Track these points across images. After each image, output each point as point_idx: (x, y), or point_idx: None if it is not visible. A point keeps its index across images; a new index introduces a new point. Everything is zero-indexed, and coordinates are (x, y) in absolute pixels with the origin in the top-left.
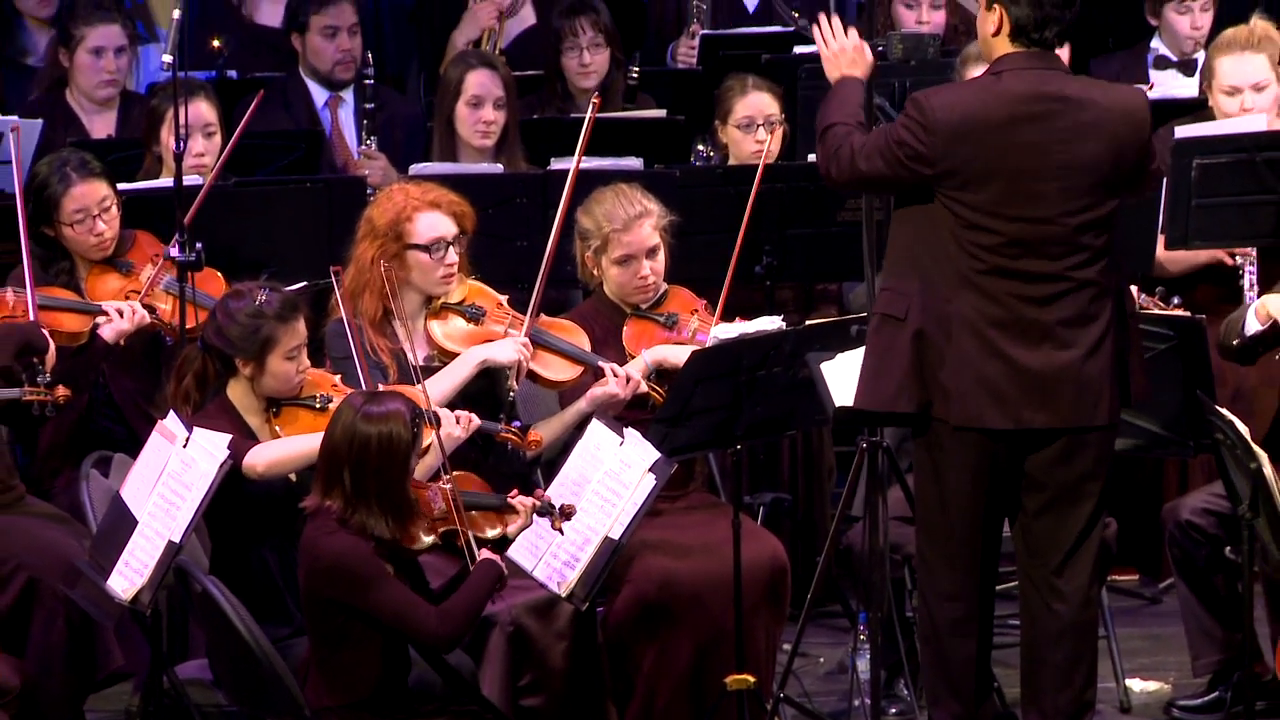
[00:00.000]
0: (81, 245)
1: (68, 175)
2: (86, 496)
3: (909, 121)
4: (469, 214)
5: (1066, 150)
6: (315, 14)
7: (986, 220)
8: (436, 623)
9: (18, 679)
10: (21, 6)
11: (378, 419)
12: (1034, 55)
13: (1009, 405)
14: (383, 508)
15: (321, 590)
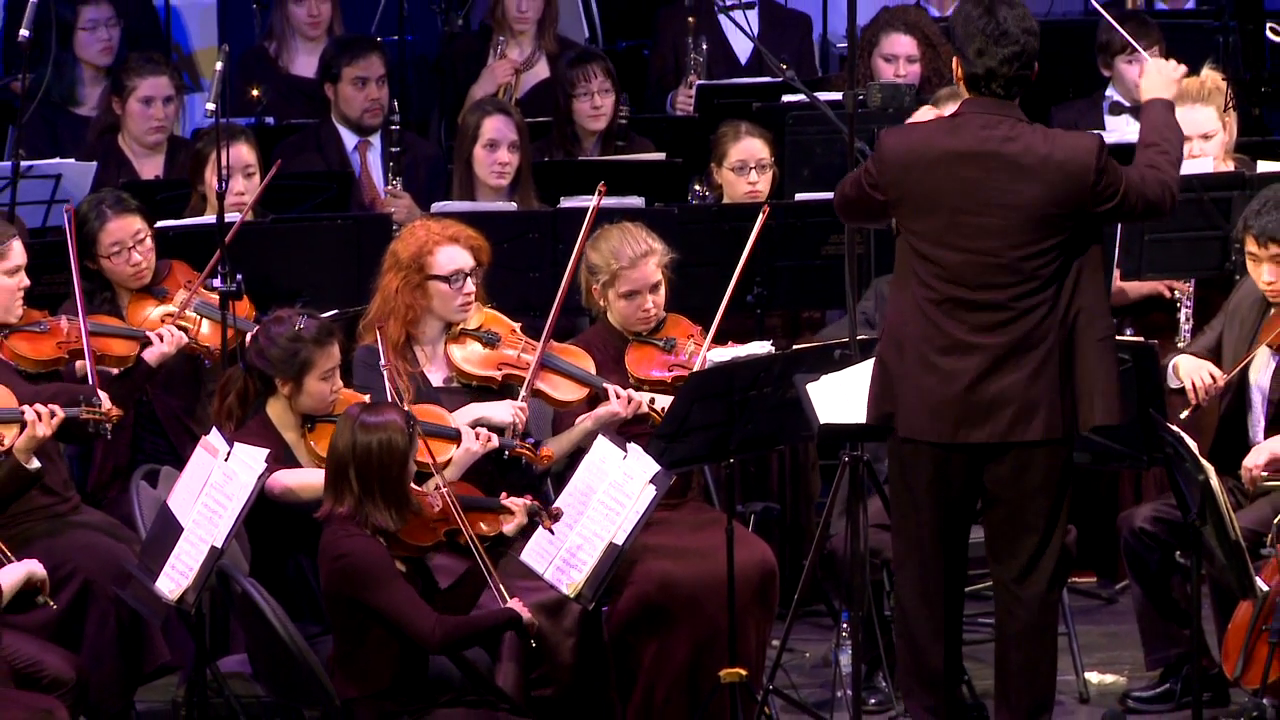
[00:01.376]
0: (120, 275)
1: (104, 212)
2: (136, 506)
3: (871, 154)
4: (485, 248)
5: (1004, 192)
6: (347, 65)
7: (935, 250)
8: (431, 629)
9: (73, 672)
10: (83, 55)
11: (376, 427)
12: (990, 103)
13: (948, 421)
14: (387, 502)
15: (339, 588)
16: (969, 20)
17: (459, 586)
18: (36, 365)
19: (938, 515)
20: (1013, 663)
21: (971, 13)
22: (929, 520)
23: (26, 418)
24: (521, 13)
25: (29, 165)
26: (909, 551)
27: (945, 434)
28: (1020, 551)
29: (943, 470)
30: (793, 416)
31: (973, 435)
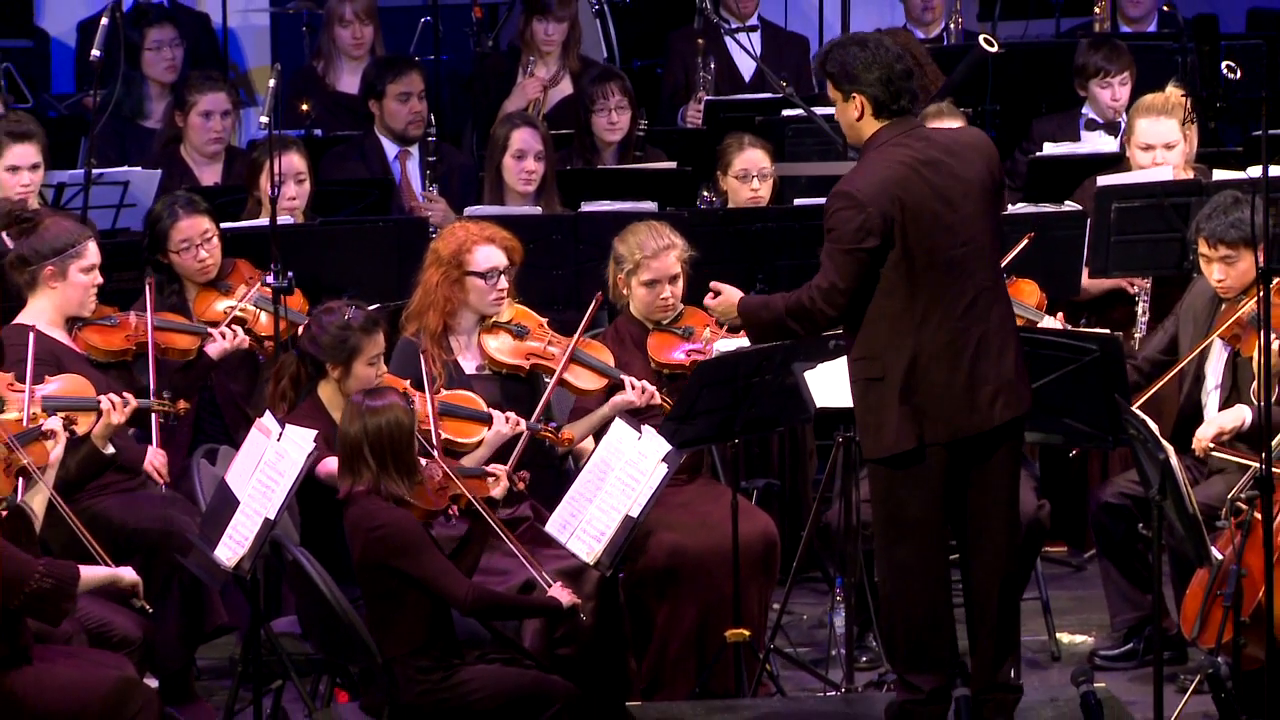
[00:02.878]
0: (188, 270)
1: (175, 211)
2: (197, 482)
3: (845, 212)
4: (518, 248)
5: (958, 180)
6: (390, 83)
7: (925, 259)
8: (465, 594)
9: (140, 632)
10: (149, 73)
11: (381, 409)
12: (897, 123)
13: (979, 410)
14: (399, 473)
15: (375, 557)
16: (854, 58)
17: (464, 547)
18: (107, 356)
19: (941, 507)
20: (984, 624)
21: (850, 51)
22: (938, 513)
23: (103, 406)
24: (548, 35)
25: (100, 173)
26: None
27: (978, 423)
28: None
29: (953, 462)
30: (792, 401)
31: (996, 415)
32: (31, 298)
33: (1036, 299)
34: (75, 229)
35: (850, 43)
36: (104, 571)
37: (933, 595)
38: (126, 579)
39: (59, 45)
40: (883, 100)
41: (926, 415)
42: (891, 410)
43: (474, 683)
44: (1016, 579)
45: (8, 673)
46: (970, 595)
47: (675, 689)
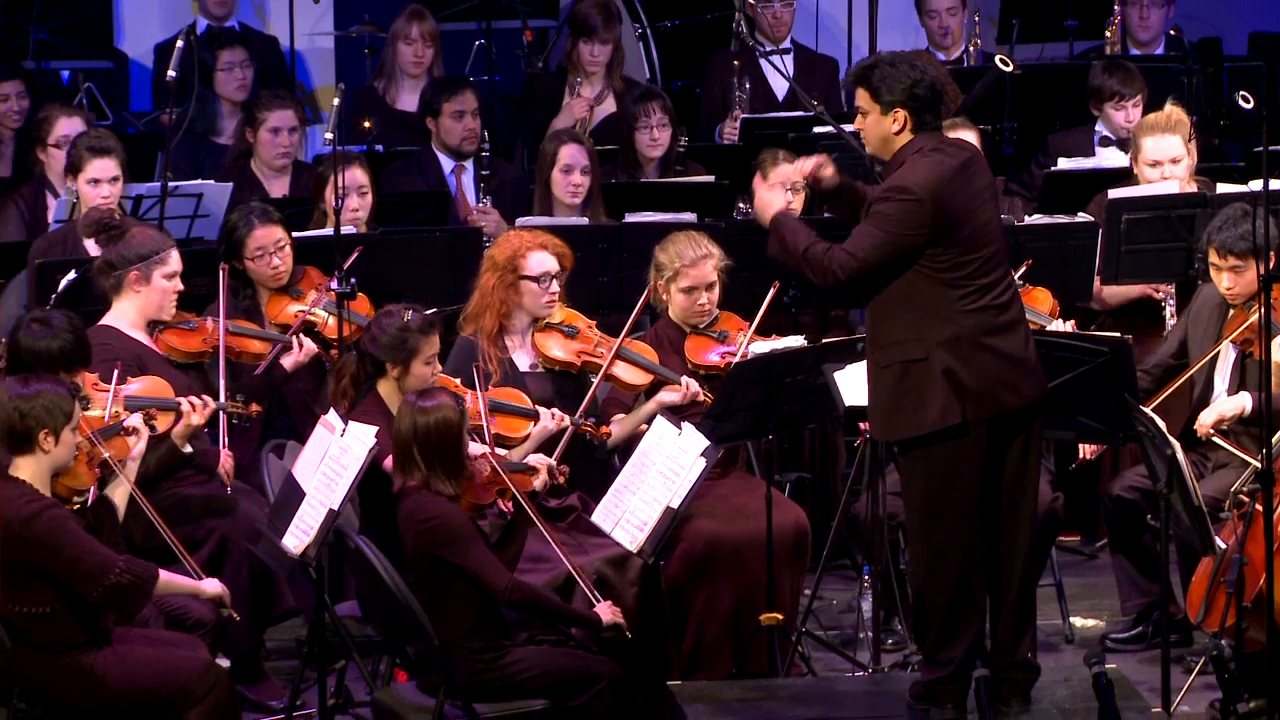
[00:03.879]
0: (261, 276)
1: (251, 221)
2: (266, 475)
3: (903, 202)
4: (569, 255)
5: (984, 187)
6: (446, 101)
7: (964, 254)
8: (505, 587)
9: (213, 615)
10: (221, 92)
11: (432, 409)
12: (929, 135)
13: (1014, 388)
14: (447, 472)
15: (424, 547)
16: (893, 75)
17: (507, 538)
18: (185, 357)
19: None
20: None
21: (888, 70)
22: (977, 493)
23: (184, 408)
24: (594, 57)
25: (175, 186)
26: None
27: (1013, 400)
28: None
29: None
30: (822, 400)
31: (1031, 393)
32: (116, 301)
33: (1049, 306)
34: (159, 238)
35: (892, 61)
36: (187, 582)
37: (968, 576)
38: (210, 591)
39: (137, 66)
40: (921, 115)
41: (970, 393)
42: (935, 389)
43: (524, 663)
44: (1035, 561)
45: (89, 653)
46: (995, 575)
47: (713, 670)
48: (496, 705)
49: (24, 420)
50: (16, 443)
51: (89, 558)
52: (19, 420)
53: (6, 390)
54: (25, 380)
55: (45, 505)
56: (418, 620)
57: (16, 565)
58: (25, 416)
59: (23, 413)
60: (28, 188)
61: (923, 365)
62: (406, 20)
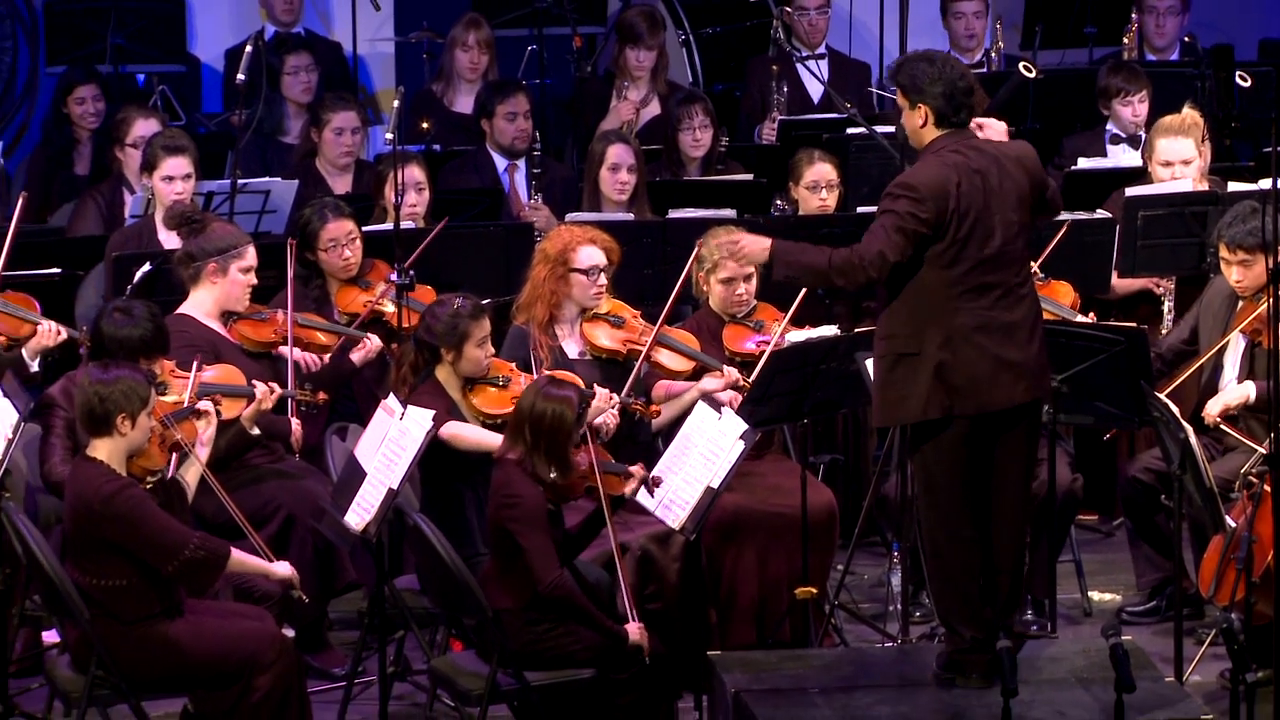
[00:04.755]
0: (332, 267)
1: (325, 215)
2: (330, 456)
3: (907, 201)
4: (616, 249)
5: (998, 190)
6: (500, 104)
7: (966, 252)
8: (547, 577)
9: (280, 588)
10: (288, 94)
11: (554, 399)
12: (955, 133)
13: (1003, 388)
14: (548, 460)
15: (500, 519)
16: (924, 72)
17: (584, 528)
18: (256, 346)
19: (973, 471)
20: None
21: (920, 66)
22: (972, 478)
23: (256, 393)
24: (639, 62)
25: (244, 183)
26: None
27: (1001, 400)
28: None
29: (985, 433)
30: (854, 386)
31: (1018, 395)
32: (193, 291)
33: (1071, 299)
34: (237, 233)
35: (921, 59)
36: (259, 562)
37: (964, 556)
38: (280, 573)
39: (209, 70)
40: (944, 112)
41: (956, 390)
42: (922, 383)
43: (574, 636)
44: (1024, 542)
45: (163, 624)
46: (988, 556)
47: (742, 636)
48: (547, 674)
49: (103, 404)
50: (95, 425)
51: (165, 534)
52: (98, 404)
53: (87, 376)
54: (105, 367)
55: (123, 484)
56: (472, 593)
57: (95, 541)
58: (104, 401)
59: (102, 397)
60: (106, 185)
61: (914, 359)
62: (463, 27)
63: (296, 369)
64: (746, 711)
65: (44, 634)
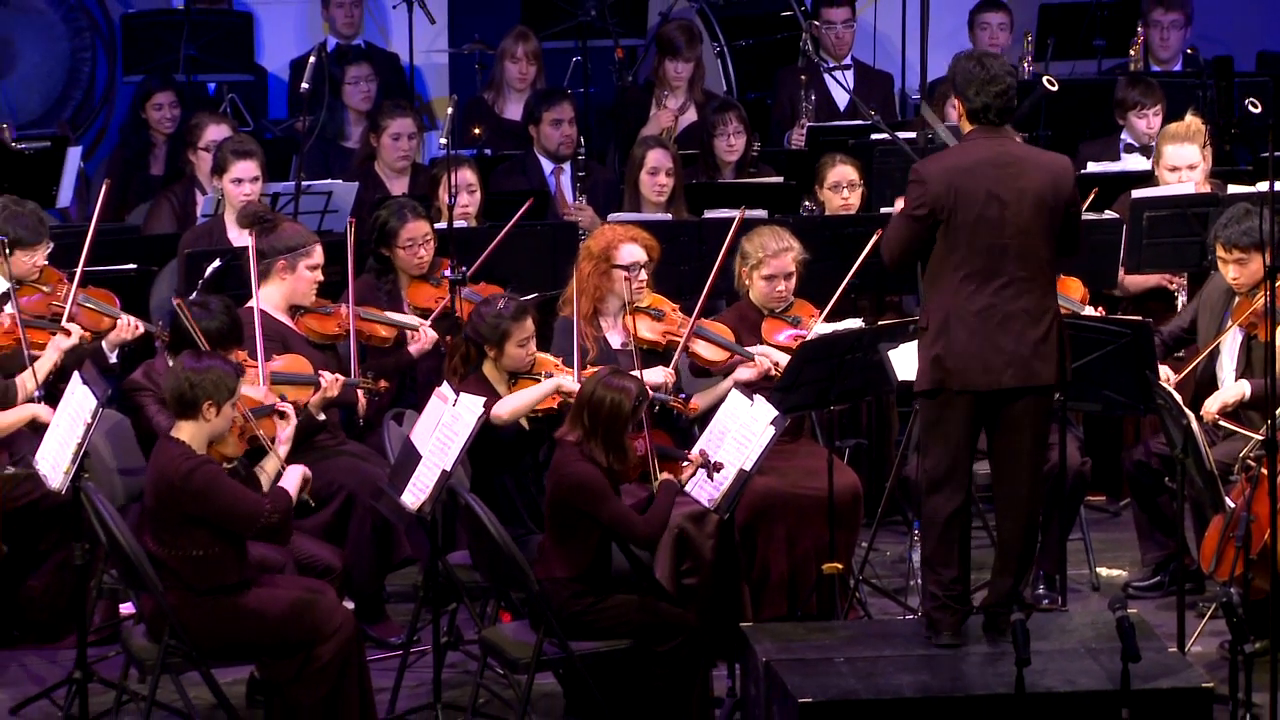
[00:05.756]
0: (406, 264)
1: (404, 215)
2: (387, 440)
3: (911, 184)
4: (656, 247)
5: (1015, 187)
6: (546, 111)
7: (968, 239)
8: (644, 528)
9: (339, 562)
10: (349, 102)
11: (614, 388)
12: (987, 129)
13: (991, 372)
14: (605, 446)
15: (564, 497)
16: (966, 70)
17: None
18: (321, 338)
19: (968, 442)
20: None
21: (966, 65)
22: (963, 447)
23: (322, 382)
24: (677, 73)
25: (308, 185)
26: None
27: (987, 382)
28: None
29: (978, 412)
30: (878, 375)
31: (1004, 380)
32: (263, 285)
33: (1080, 294)
34: (307, 233)
35: (969, 57)
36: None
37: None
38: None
39: (275, 79)
40: (975, 109)
41: (947, 368)
42: (924, 357)
43: (616, 610)
44: (1036, 520)
45: (232, 596)
46: (998, 529)
47: (774, 609)
48: (590, 644)
49: (193, 390)
50: (183, 408)
51: (240, 504)
52: (189, 389)
53: (181, 363)
54: (199, 356)
55: (200, 461)
56: (520, 568)
57: (175, 514)
58: (195, 387)
59: (193, 384)
60: (179, 186)
61: (924, 335)
62: (513, 40)
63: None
64: (776, 679)
65: (121, 606)
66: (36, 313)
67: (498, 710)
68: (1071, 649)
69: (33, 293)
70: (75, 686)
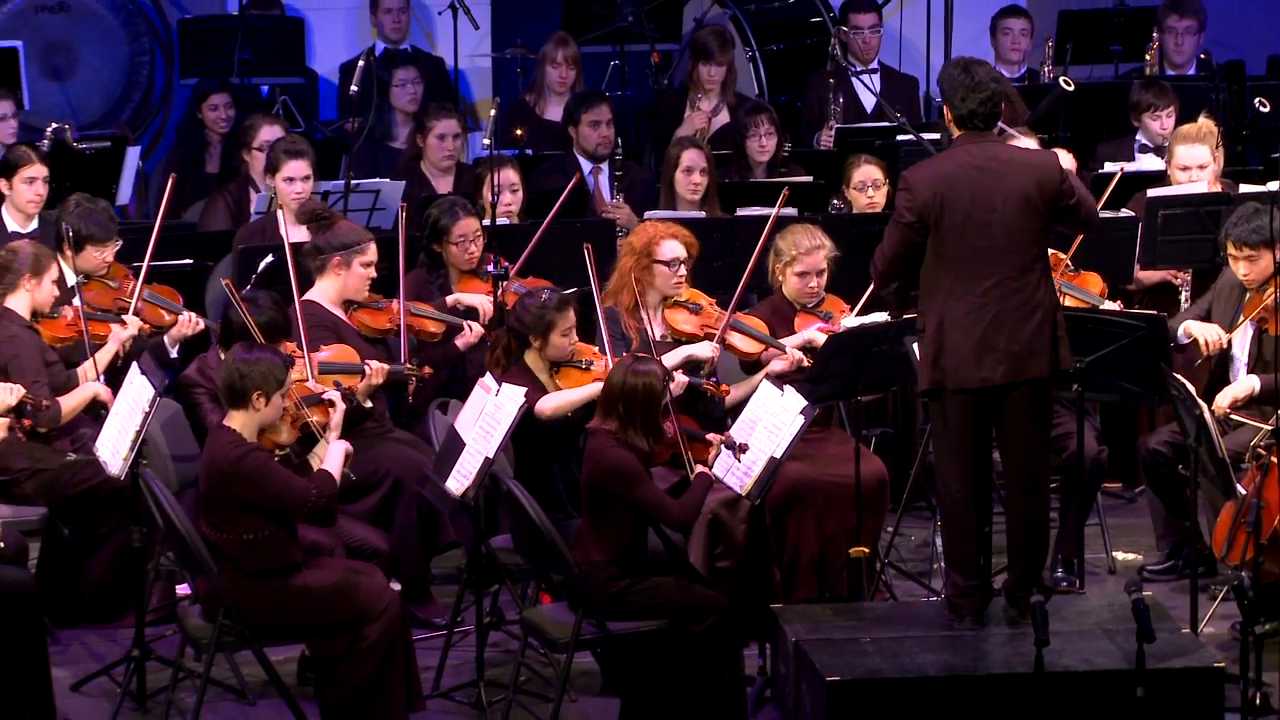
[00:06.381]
0: (457, 259)
1: (456, 212)
2: (432, 428)
3: (900, 192)
4: (695, 243)
5: (1000, 190)
6: (585, 113)
7: (958, 243)
8: (679, 512)
9: (387, 546)
10: (396, 104)
11: (642, 374)
12: (973, 135)
13: (986, 369)
14: (641, 431)
15: (600, 483)
16: (952, 78)
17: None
18: (373, 332)
19: (969, 439)
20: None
21: (953, 72)
22: (966, 443)
23: (368, 370)
24: (711, 76)
25: (357, 183)
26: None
27: (983, 379)
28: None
29: (978, 407)
30: (903, 366)
31: (999, 376)
32: (319, 280)
33: (1099, 288)
34: (361, 231)
35: (955, 66)
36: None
37: (962, 514)
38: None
39: (325, 82)
40: (961, 115)
41: (944, 367)
42: (925, 356)
43: (652, 591)
44: (1044, 506)
45: (283, 578)
46: (1007, 516)
47: (804, 591)
48: (627, 624)
49: (243, 381)
50: (234, 398)
51: (288, 489)
52: (239, 380)
53: (233, 355)
54: (250, 348)
55: (249, 448)
56: (560, 551)
57: (227, 499)
58: (245, 378)
59: (243, 374)
60: (234, 184)
61: (922, 335)
62: (553, 45)
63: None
64: (805, 658)
65: (177, 587)
66: (103, 306)
67: (538, 687)
68: (1089, 630)
69: (100, 287)
70: (133, 664)
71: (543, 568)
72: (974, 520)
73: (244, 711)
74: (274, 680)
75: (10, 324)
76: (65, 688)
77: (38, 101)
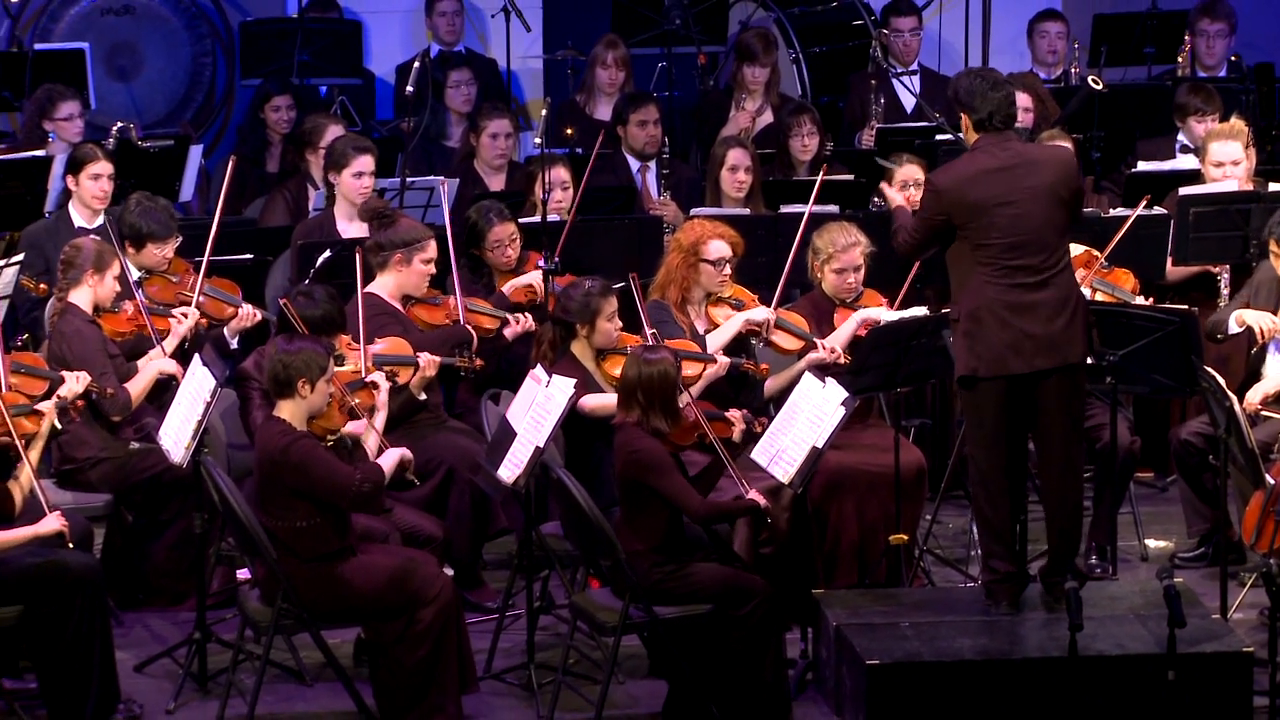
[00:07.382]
0: (496, 262)
1: (491, 219)
2: (485, 418)
3: (926, 195)
4: (740, 243)
5: (1025, 186)
6: (633, 113)
7: (989, 239)
8: (701, 508)
9: (440, 532)
10: (450, 104)
11: (654, 361)
12: (992, 136)
13: (1023, 357)
14: (662, 413)
15: (630, 473)
16: (969, 84)
17: (704, 474)
18: (429, 327)
19: (1004, 427)
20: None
21: (969, 80)
22: (1001, 431)
23: (421, 362)
24: (755, 78)
25: (412, 181)
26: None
27: (1020, 367)
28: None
29: (1011, 395)
30: (942, 359)
31: (1037, 363)
32: (379, 275)
33: (1132, 284)
34: (421, 228)
35: (970, 74)
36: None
37: (997, 501)
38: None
39: (381, 83)
40: (981, 119)
41: (980, 355)
42: (960, 346)
43: (696, 576)
44: (1078, 493)
45: (339, 562)
46: (1044, 503)
47: (845, 578)
48: (673, 608)
49: (286, 370)
50: (280, 388)
51: (334, 476)
52: (282, 370)
53: (275, 346)
54: (290, 339)
55: (296, 436)
56: (608, 538)
57: (279, 487)
58: (288, 368)
59: (285, 364)
60: (293, 182)
61: (956, 325)
62: (603, 47)
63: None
64: (846, 642)
65: (238, 572)
66: (164, 300)
67: (586, 670)
68: (1121, 615)
69: (162, 282)
70: (195, 646)
71: (591, 554)
72: (1008, 508)
73: (301, 692)
74: (331, 662)
75: (74, 318)
76: (129, 669)
77: (104, 101)
